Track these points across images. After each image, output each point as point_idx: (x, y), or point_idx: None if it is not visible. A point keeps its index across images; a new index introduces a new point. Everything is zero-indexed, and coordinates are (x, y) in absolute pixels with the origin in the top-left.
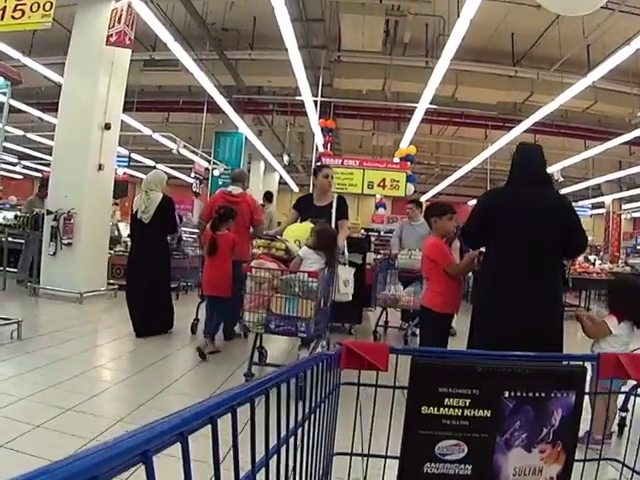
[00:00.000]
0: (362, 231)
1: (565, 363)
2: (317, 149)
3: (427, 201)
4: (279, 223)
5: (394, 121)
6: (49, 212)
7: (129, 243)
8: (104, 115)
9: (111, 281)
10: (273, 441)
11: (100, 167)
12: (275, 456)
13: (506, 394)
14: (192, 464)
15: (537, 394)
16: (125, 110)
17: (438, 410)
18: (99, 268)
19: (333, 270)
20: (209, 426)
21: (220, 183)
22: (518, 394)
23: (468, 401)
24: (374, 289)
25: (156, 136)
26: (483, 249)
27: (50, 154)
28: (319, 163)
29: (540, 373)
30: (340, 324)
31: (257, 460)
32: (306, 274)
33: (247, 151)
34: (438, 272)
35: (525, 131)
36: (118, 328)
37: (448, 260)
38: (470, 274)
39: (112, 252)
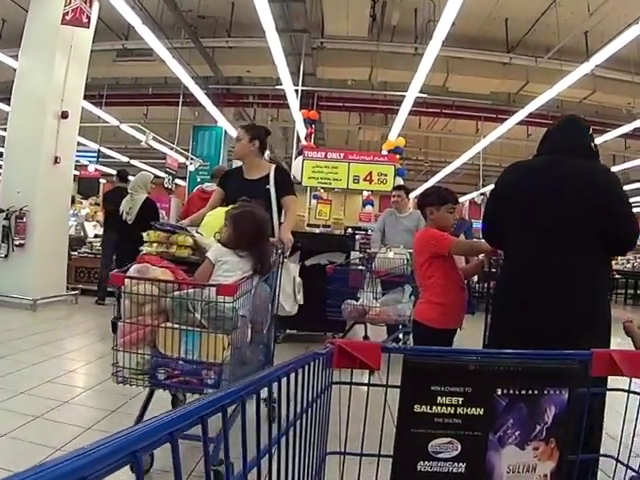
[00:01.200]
0: (349, 229)
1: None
2: (298, 140)
3: (416, 197)
4: None
5: (381, 113)
6: (0, 210)
7: (95, 244)
8: (61, 103)
9: (75, 285)
10: (265, 441)
11: (56, 160)
12: (267, 456)
13: (499, 392)
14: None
15: (530, 391)
16: (98, 104)
17: (431, 408)
18: (57, 272)
19: (273, 279)
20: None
21: (198, 180)
22: (511, 392)
23: (461, 399)
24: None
25: (124, 127)
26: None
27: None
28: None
29: (533, 370)
30: (322, 333)
31: (249, 460)
32: (213, 289)
33: (227, 146)
34: (434, 274)
35: (519, 123)
36: (71, 340)
37: (446, 240)
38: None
39: (75, 254)
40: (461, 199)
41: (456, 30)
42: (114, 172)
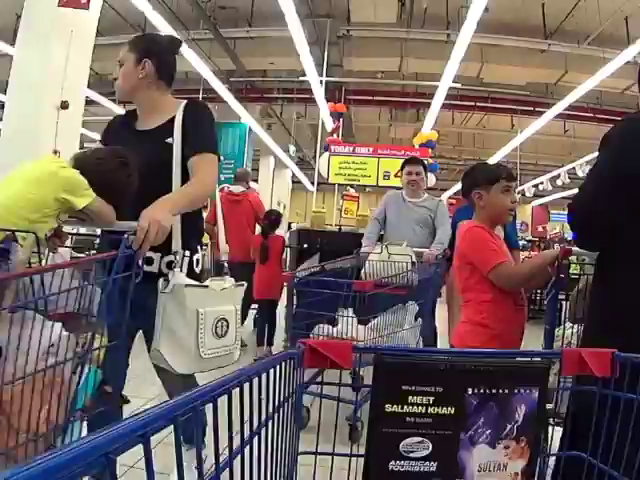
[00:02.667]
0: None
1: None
2: (322, 129)
3: (451, 197)
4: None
5: (413, 107)
6: None
7: None
8: (60, 92)
9: None
10: (237, 441)
11: (55, 154)
12: (239, 456)
13: (469, 391)
14: (155, 466)
15: (500, 391)
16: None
17: (402, 408)
18: None
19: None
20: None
21: (222, 178)
22: (481, 391)
23: (432, 399)
24: (289, 321)
25: None
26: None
27: None
28: None
29: (503, 370)
30: None
31: (221, 460)
32: None
33: (252, 144)
34: (479, 285)
35: (556, 117)
36: None
37: (492, 258)
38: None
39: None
40: None
41: (490, 16)
42: None
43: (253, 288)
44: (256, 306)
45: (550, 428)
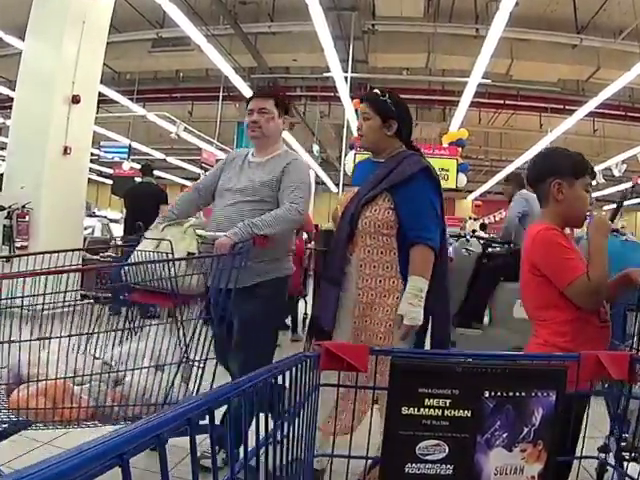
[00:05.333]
0: None
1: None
2: (347, 129)
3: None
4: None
5: (440, 106)
6: (1, 208)
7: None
8: (72, 85)
9: (87, 293)
10: (252, 443)
11: (66, 150)
12: (254, 458)
13: (486, 394)
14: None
15: (517, 394)
16: (136, 99)
17: (418, 410)
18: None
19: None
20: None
21: None
22: (498, 394)
23: (448, 401)
24: None
25: (151, 117)
26: None
27: None
28: None
29: (520, 373)
30: None
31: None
32: None
33: None
34: (561, 302)
35: (587, 115)
36: None
37: (568, 269)
38: None
39: (98, 258)
40: None
41: (520, 10)
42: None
43: None
44: None
45: (625, 464)
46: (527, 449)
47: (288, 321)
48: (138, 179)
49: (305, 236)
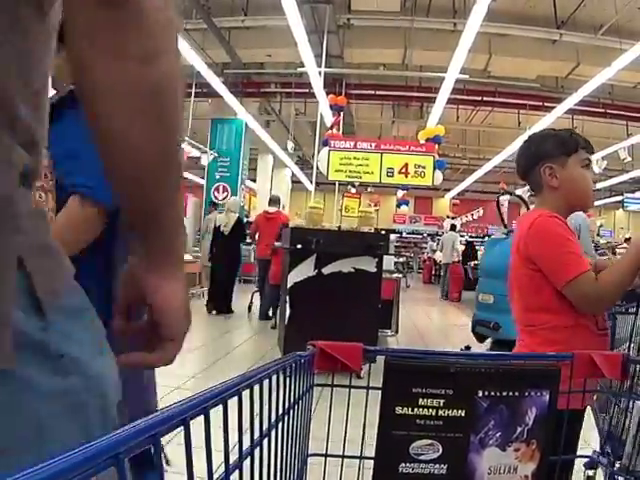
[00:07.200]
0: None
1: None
2: (320, 125)
3: (454, 199)
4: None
5: (417, 102)
6: None
7: None
8: None
9: None
10: (246, 443)
11: None
12: (249, 458)
13: (480, 393)
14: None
15: (511, 393)
16: None
17: (412, 410)
18: None
19: None
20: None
21: (217, 177)
22: (492, 393)
23: (442, 401)
24: None
25: None
26: None
27: None
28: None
29: (514, 372)
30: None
31: (230, 462)
32: None
33: (249, 141)
34: (555, 305)
35: (566, 112)
36: None
37: (569, 264)
38: None
39: None
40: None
41: (499, 5)
42: None
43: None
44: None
45: None
46: (520, 448)
47: (270, 312)
48: None
49: None
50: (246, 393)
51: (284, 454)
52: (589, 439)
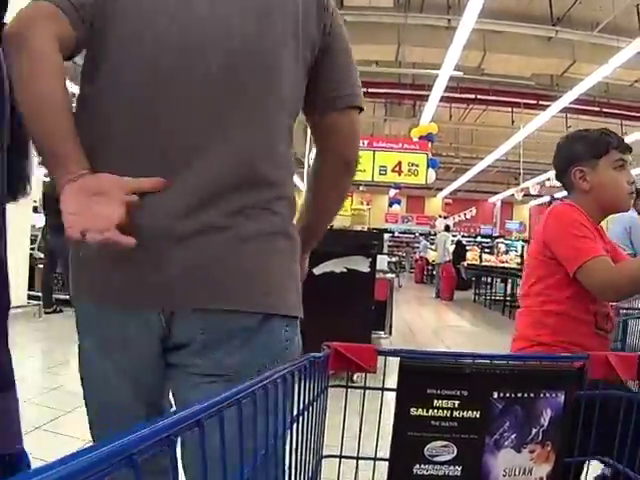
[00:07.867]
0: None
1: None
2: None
3: (447, 198)
4: None
5: (410, 100)
6: None
7: None
8: None
9: (38, 294)
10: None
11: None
12: (264, 459)
13: (495, 395)
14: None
15: (526, 394)
16: None
17: (427, 411)
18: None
19: None
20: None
21: None
22: (507, 395)
23: (457, 402)
24: None
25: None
26: None
27: None
28: None
29: (529, 374)
30: None
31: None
32: None
33: None
34: (553, 291)
35: (561, 111)
36: None
37: (583, 248)
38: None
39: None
40: (492, 199)
41: (493, 2)
42: None
43: None
44: None
45: None
46: (536, 450)
47: None
48: None
49: None
50: (261, 394)
51: (298, 455)
52: None
